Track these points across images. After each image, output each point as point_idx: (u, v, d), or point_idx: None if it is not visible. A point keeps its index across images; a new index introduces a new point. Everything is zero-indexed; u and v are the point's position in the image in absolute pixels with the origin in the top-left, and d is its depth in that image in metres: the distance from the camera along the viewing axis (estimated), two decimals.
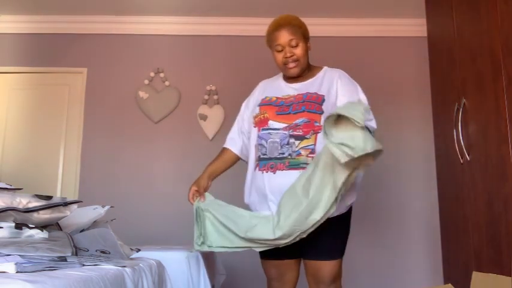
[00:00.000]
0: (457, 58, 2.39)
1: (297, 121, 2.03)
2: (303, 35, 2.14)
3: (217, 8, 3.91)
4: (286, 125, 2.04)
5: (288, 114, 2.06)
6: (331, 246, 2.05)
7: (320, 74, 2.19)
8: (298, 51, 2.11)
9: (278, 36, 2.11)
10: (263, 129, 2.09)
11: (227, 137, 2.34)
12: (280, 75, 2.27)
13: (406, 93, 4.03)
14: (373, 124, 2.06)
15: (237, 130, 2.30)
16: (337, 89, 2.11)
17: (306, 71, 2.18)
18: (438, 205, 2.71)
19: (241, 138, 2.27)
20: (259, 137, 2.10)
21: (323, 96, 2.08)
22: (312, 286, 2.10)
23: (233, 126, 2.33)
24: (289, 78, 2.20)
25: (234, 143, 2.29)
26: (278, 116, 2.08)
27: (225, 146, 2.32)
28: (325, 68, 2.23)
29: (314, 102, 2.07)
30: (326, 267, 2.03)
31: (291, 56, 2.10)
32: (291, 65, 2.12)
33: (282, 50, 2.12)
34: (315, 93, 2.09)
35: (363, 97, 2.11)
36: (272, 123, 2.07)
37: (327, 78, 2.16)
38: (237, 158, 2.30)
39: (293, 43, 2.10)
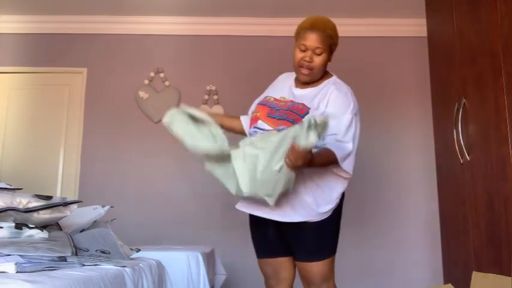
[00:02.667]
0: (457, 58, 2.39)
1: (279, 127, 2.01)
2: (330, 47, 2.11)
3: (217, 8, 3.91)
4: (271, 128, 2.04)
5: (273, 118, 2.07)
6: (318, 246, 2.07)
7: (324, 84, 2.15)
8: (318, 60, 2.08)
9: (307, 37, 2.07)
10: (254, 127, 2.12)
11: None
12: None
13: (406, 93, 4.03)
14: (349, 146, 2.01)
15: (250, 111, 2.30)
16: (329, 99, 2.06)
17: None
18: (438, 205, 2.71)
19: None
20: (249, 133, 2.15)
21: (308, 109, 2.05)
22: (304, 286, 2.14)
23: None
24: (298, 81, 2.20)
25: (245, 117, 2.32)
26: (268, 118, 2.09)
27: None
28: (333, 78, 2.18)
29: (295, 113, 2.04)
30: (314, 268, 2.05)
31: (310, 62, 2.08)
32: (304, 71, 2.10)
33: (304, 51, 2.08)
34: (302, 103, 2.07)
35: (347, 117, 2.03)
36: (261, 124, 2.09)
37: (324, 91, 2.11)
38: (241, 128, 2.32)
39: (317, 51, 2.07)
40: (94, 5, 3.89)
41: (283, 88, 2.21)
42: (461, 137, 2.29)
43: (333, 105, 2.04)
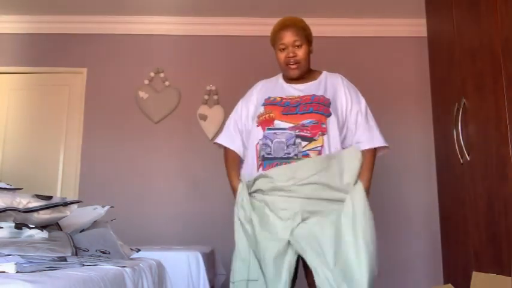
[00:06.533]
0: (457, 58, 2.39)
1: (304, 122, 2.03)
2: (307, 38, 2.17)
3: (217, 8, 3.91)
4: (292, 125, 2.04)
5: (294, 114, 2.07)
6: None
7: (322, 78, 2.22)
8: (301, 52, 2.14)
9: (283, 36, 2.13)
10: (268, 129, 2.08)
11: (223, 134, 2.27)
12: (280, 76, 2.28)
13: (405, 94, 4.03)
14: (373, 124, 2.20)
15: (232, 128, 2.25)
16: (346, 94, 2.17)
17: (307, 73, 2.21)
18: (438, 205, 2.71)
19: (238, 135, 2.24)
20: (264, 136, 2.08)
21: (329, 99, 2.12)
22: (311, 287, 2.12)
23: (228, 124, 2.28)
24: (291, 79, 2.21)
25: (232, 141, 2.24)
26: (284, 116, 2.08)
27: (225, 145, 2.25)
28: (324, 72, 2.26)
29: (322, 104, 2.09)
30: None
31: (294, 56, 2.13)
32: (292, 66, 2.14)
33: (285, 49, 2.14)
34: (322, 95, 2.13)
35: (363, 101, 2.21)
36: (278, 123, 2.07)
37: (330, 83, 2.19)
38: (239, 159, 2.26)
39: (297, 43, 2.13)
40: (94, 5, 3.89)
41: (279, 90, 2.21)
42: (461, 137, 2.29)
43: (352, 99, 2.18)
